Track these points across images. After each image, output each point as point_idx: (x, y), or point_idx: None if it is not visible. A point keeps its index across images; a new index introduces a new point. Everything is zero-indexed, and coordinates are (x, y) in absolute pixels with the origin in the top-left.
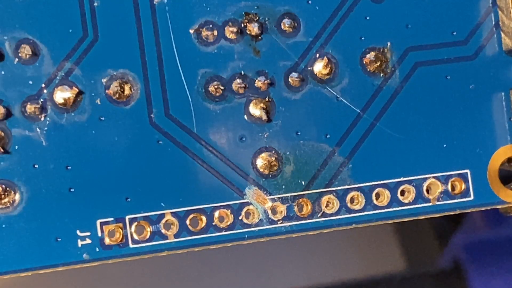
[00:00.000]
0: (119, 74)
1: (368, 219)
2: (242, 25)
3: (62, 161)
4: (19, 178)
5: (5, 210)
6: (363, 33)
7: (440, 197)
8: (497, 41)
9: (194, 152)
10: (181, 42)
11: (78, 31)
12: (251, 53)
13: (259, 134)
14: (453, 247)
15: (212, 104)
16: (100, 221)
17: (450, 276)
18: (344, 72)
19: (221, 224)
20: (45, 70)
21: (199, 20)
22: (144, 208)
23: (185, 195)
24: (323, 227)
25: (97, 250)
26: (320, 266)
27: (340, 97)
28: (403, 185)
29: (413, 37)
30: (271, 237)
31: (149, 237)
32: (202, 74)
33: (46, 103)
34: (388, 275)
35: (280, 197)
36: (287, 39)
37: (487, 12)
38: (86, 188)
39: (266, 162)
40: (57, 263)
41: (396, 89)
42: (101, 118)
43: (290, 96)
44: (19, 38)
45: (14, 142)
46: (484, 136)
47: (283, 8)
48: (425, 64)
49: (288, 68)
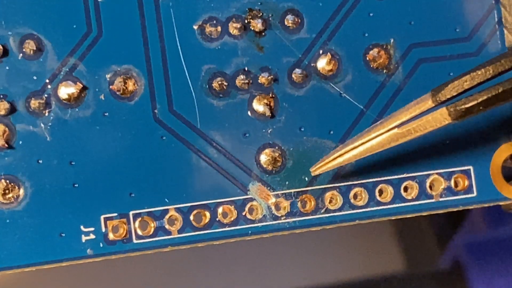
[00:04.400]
0: (123, 69)
1: (372, 215)
2: (245, 21)
3: (66, 156)
4: (23, 174)
5: (9, 205)
6: (367, 29)
7: (443, 194)
8: (499, 38)
9: (198, 148)
10: (185, 38)
11: (82, 27)
12: (254, 49)
13: (262, 130)
14: (454, 247)
15: (216, 100)
16: (104, 217)
17: (450, 276)
18: (347, 68)
19: (224, 219)
20: (49, 66)
21: (203, 16)
22: (148, 204)
23: (188, 191)
24: (326, 223)
25: (101, 246)
26: (320, 265)
27: (344, 93)
28: (406, 181)
29: (416, 33)
30: (275, 233)
31: (153, 232)
32: (206, 70)
33: (50, 99)
34: (388, 275)
35: (283, 193)
36: (291, 35)
37: (490, 8)
38: (90, 184)
39: (269, 158)
40: (61, 259)
41: (399, 85)
42: (105, 113)
43: (293, 92)
44: (23, 33)
45: (18, 137)
46: (487, 132)
47: (286, 4)
48: (428, 61)
49: (291, 64)
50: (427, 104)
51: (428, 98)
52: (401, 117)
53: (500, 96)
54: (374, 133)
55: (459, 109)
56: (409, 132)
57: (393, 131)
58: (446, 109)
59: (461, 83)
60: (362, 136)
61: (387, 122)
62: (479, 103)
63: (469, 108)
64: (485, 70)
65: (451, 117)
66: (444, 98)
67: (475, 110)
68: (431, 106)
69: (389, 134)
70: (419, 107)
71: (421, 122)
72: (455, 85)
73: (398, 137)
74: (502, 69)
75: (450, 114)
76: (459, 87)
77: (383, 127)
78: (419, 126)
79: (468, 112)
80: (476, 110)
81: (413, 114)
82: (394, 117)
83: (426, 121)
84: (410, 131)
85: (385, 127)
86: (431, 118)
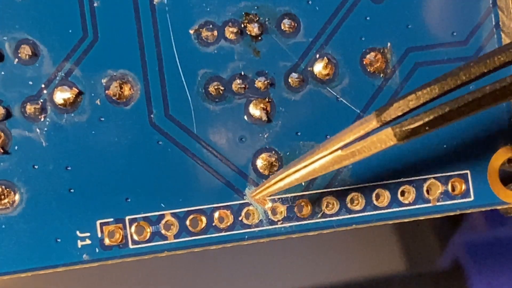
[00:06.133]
0: (119, 74)
1: (368, 219)
2: (242, 25)
3: (62, 161)
4: (19, 179)
5: (5, 210)
6: (363, 33)
7: (440, 198)
8: (497, 42)
9: (194, 152)
10: (181, 42)
11: (78, 32)
12: (251, 54)
13: (259, 134)
14: (453, 247)
15: (212, 104)
16: (100, 222)
17: (450, 276)
18: (344, 72)
19: (221, 224)
20: (45, 71)
21: (199, 20)
22: (144, 209)
23: (185, 196)
24: (323, 227)
25: (97, 251)
26: (320, 266)
27: (340, 98)
28: (403, 185)
29: (413, 37)
30: (271, 238)
31: (149, 237)
32: (202, 75)
33: (46, 104)
34: (388, 275)
35: (280, 198)
36: (287, 40)
37: (487, 12)
38: (86, 189)
39: (266, 163)
40: (57, 264)
41: (396, 89)
42: (101, 118)
43: (290, 97)
44: (19, 38)
45: (14, 142)
46: (484, 136)
47: (283, 8)
48: (425, 65)
49: (288, 69)
50: (371, 124)
51: (372, 118)
52: (345, 139)
53: (447, 116)
54: (316, 155)
55: (405, 129)
56: (353, 154)
57: (336, 153)
58: (392, 130)
59: (406, 102)
60: (305, 158)
61: (330, 144)
62: (425, 123)
63: (414, 129)
64: (430, 89)
65: (397, 138)
66: (389, 118)
67: (421, 130)
68: (376, 126)
69: (332, 156)
70: (363, 127)
71: (365, 144)
72: (400, 104)
73: (341, 159)
74: (448, 88)
75: (396, 135)
76: (404, 107)
77: (326, 149)
78: (363, 147)
79: (414, 133)
80: (422, 130)
81: (357, 135)
82: (337, 139)
83: (370, 142)
84: (354, 153)
85: (328, 149)
86: (375, 139)
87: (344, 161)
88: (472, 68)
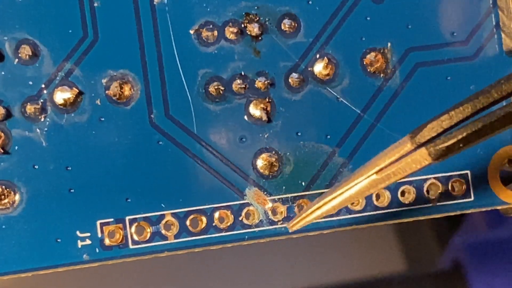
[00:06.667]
0: (119, 74)
1: (369, 220)
2: (242, 25)
3: (62, 161)
4: (19, 179)
5: (5, 210)
6: (364, 33)
7: (441, 198)
8: (497, 42)
9: (194, 152)
10: (181, 42)
11: (78, 32)
12: (251, 54)
13: (259, 134)
14: (453, 247)
15: (212, 104)
16: (100, 222)
17: (450, 276)
18: (344, 72)
19: (221, 224)
20: (45, 71)
21: (199, 20)
22: (144, 209)
23: (185, 196)
24: (323, 228)
25: (97, 251)
26: (320, 266)
27: (341, 98)
28: (403, 185)
29: (414, 37)
30: (271, 238)
31: (149, 237)
32: (203, 75)
33: (46, 104)
34: (388, 275)
35: (280, 198)
36: (288, 40)
37: (488, 12)
38: (86, 189)
39: (266, 163)
40: (57, 264)
41: (396, 89)
42: (101, 118)
43: (290, 97)
44: (19, 38)
45: (14, 142)
46: None
47: (283, 8)
48: (425, 65)
49: (288, 69)
50: (406, 147)
51: (406, 141)
52: (380, 163)
53: (481, 132)
54: (352, 182)
55: (439, 148)
56: (389, 177)
57: (371, 177)
58: (426, 149)
59: (439, 123)
60: (341, 185)
61: (366, 169)
62: (459, 140)
63: (449, 147)
64: (463, 108)
65: (431, 157)
66: (423, 140)
67: (456, 148)
68: (411, 149)
69: (368, 181)
70: (398, 151)
71: (400, 165)
72: (433, 125)
73: (377, 183)
74: (480, 106)
75: (430, 154)
76: (438, 127)
77: (361, 175)
78: (398, 169)
79: (449, 151)
80: (457, 148)
81: (392, 159)
82: (373, 164)
83: (405, 164)
84: (389, 176)
85: (363, 174)
86: (410, 160)
87: (380, 184)
88: (504, 85)
